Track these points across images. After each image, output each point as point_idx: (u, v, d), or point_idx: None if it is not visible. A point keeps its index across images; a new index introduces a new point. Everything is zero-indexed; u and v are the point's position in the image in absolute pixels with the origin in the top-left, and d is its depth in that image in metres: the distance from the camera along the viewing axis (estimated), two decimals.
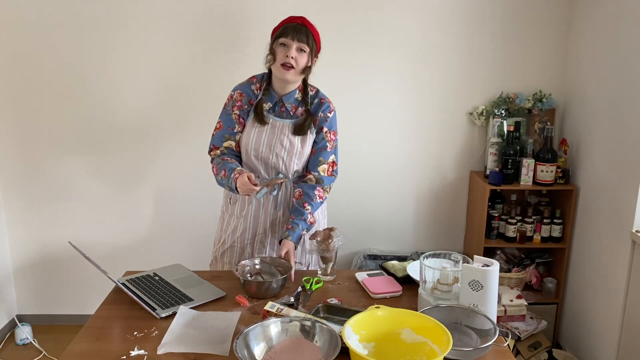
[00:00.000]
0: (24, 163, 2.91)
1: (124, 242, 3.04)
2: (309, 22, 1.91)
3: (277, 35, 1.88)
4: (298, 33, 1.84)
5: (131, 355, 1.40)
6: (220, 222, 2.15)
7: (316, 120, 1.97)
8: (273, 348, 1.35)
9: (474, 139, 2.95)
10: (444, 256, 1.63)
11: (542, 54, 2.85)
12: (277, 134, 1.94)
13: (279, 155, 1.94)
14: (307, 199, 1.95)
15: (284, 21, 1.92)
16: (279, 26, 1.92)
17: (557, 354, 2.63)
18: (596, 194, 2.58)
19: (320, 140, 1.98)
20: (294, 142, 1.94)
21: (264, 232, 2.05)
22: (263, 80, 1.98)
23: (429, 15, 2.79)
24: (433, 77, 2.87)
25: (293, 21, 1.89)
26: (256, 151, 1.94)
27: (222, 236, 2.11)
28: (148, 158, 2.92)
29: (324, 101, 1.99)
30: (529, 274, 2.83)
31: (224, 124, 1.97)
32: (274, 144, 1.94)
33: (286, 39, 1.85)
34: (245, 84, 1.99)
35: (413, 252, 3.04)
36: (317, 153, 1.99)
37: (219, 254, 2.11)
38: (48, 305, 3.12)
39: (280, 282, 1.73)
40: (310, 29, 1.89)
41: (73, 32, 2.75)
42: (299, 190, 1.97)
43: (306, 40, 1.86)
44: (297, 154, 1.95)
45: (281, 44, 1.86)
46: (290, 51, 1.84)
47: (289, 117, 1.96)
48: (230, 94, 1.99)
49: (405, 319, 1.38)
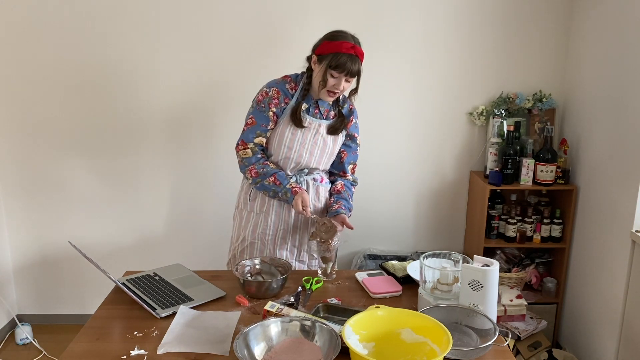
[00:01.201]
0: (24, 163, 2.91)
1: (124, 242, 3.04)
2: (360, 49, 1.89)
3: (331, 64, 1.86)
4: (351, 71, 1.87)
5: (131, 355, 1.40)
6: (237, 219, 2.16)
7: (348, 124, 2.08)
8: (273, 348, 1.35)
9: (474, 139, 2.95)
10: (444, 256, 1.63)
11: (542, 54, 2.85)
12: (312, 133, 2.00)
13: (312, 154, 2.02)
14: (349, 191, 2.15)
15: (337, 45, 1.86)
16: (331, 47, 1.87)
17: (557, 354, 2.63)
18: (596, 194, 2.58)
19: (354, 145, 2.15)
20: (327, 141, 2.04)
21: (286, 229, 2.08)
22: (297, 81, 2.00)
23: (429, 15, 2.79)
24: (433, 77, 2.87)
25: (348, 51, 1.85)
26: (290, 150, 1.99)
27: (240, 234, 2.12)
28: (148, 158, 2.92)
29: (353, 107, 2.11)
30: (529, 274, 2.83)
31: (257, 120, 1.98)
32: (308, 143, 2.00)
33: (340, 74, 1.87)
34: (281, 83, 1.99)
35: (413, 252, 3.04)
36: (349, 156, 2.15)
37: (238, 251, 2.13)
38: (48, 305, 3.12)
39: (280, 282, 1.73)
40: (360, 58, 1.89)
41: (73, 32, 2.74)
42: (342, 183, 2.15)
43: (357, 73, 1.90)
44: (328, 154, 2.07)
45: (332, 75, 1.88)
46: (340, 85, 1.90)
47: (322, 118, 2.03)
48: (265, 91, 1.99)
49: (405, 319, 1.38)
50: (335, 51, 1.86)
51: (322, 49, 1.90)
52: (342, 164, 2.15)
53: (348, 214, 2.08)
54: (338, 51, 1.85)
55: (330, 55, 1.86)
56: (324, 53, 1.88)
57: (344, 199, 2.10)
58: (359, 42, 1.92)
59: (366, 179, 2.98)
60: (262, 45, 2.78)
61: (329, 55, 1.86)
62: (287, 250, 2.10)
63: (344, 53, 1.85)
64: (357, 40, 1.91)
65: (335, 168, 2.17)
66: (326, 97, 1.95)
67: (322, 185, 2.12)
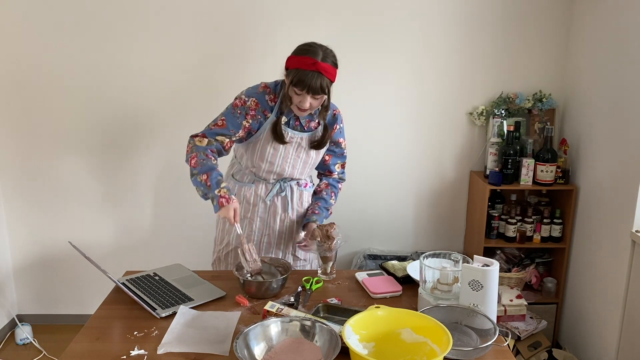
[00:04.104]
0: (24, 163, 2.91)
1: (124, 242, 3.04)
2: (323, 65, 1.72)
3: (292, 81, 1.74)
4: (313, 88, 1.72)
5: (131, 355, 1.40)
6: (220, 222, 2.12)
7: (332, 132, 2.00)
8: (273, 348, 1.35)
9: (474, 139, 2.95)
10: (444, 256, 1.63)
11: (542, 54, 2.85)
12: (294, 147, 1.93)
13: (295, 167, 1.98)
14: (334, 189, 2.09)
15: (299, 61, 1.74)
16: (294, 63, 1.76)
17: (557, 354, 2.63)
18: (596, 194, 2.58)
19: (339, 149, 2.08)
20: (310, 154, 1.98)
21: (271, 234, 2.05)
22: (277, 92, 1.89)
23: (429, 15, 2.79)
24: (433, 77, 2.87)
25: (309, 67, 1.72)
26: (272, 165, 1.94)
27: (224, 237, 2.09)
28: (148, 158, 2.92)
29: (336, 113, 2.00)
30: (529, 274, 2.83)
31: (228, 124, 1.87)
32: (290, 157, 1.95)
33: (301, 91, 1.74)
34: (260, 94, 1.87)
35: (413, 252, 3.04)
36: (335, 158, 2.09)
37: (223, 254, 2.10)
38: (48, 305, 3.12)
39: (280, 282, 1.73)
40: (325, 74, 1.73)
41: (72, 32, 2.74)
42: (325, 183, 2.10)
43: (321, 91, 1.75)
44: (311, 164, 2.02)
45: (295, 92, 1.76)
46: (305, 103, 1.77)
47: (303, 130, 1.94)
48: (243, 99, 1.87)
49: (405, 319, 1.38)
50: (297, 67, 1.73)
51: (288, 63, 1.79)
52: (327, 165, 2.08)
53: (325, 214, 2.02)
54: (299, 67, 1.73)
55: (293, 71, 1.74)
56: (290, 68, 1.77)
57: (322, 199, 2.05)
58: (330, 56, 1.76)
59: (366, 179, 2.99)
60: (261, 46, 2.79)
61: (292, 71, 1.75)
62: (272, 255, 2.06)
63: (304, 69, 1.71)
64: (327, 54, 1.75)
65: (320, 168, 2.12)
66: (297, 113, 1.85)
67: (306, 190, 2.08)
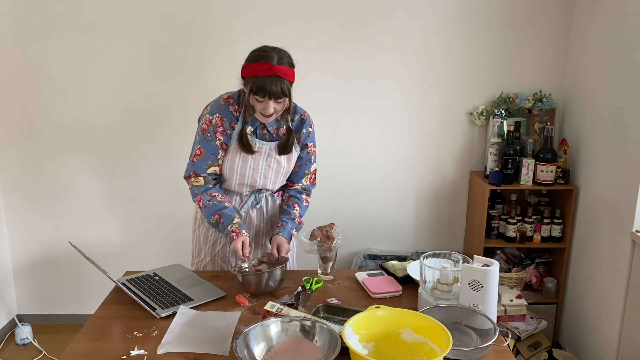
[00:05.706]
0: (24, 163, 2.91)
1: (124, 242, 3.04)
2: (280, 68, 1.70)
3: (252, 89, 1.71)
4: (274, 93, 1.70)
5: (131, 355, 1.40)
6: (195, 233, 2.07)
7: (299, 137, 1.94)
8: (273, 348, 1.35)
9: (474, 139, 2.95)
10: (444, 256, 1.63)
11: (542, 54, 2.85)
12: (263, 157, 1.88)
13: (267, 177, 1.93)
14: (297, 200, 2.01)
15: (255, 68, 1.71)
16: (249, 71, 1.72)
17: (557, 354, 2.63)
18: (596, 194, 2.58)
19: (305, 155, 1.99)
20: (281, 162, 1.92)
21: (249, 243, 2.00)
22: (240, 102, 1.85)
23: (429, 15, 2.79)
24: (433, 77, 2.87)
25: (265, 73, 1.69)
26: (242, 177, 1.90)
27: (201, 249, 2.04)
28: (148, 158, 2.92)
29: (304, 117, 1.94)
30: (529, 274, 2.83)
31: (206, 151, 1.85)
32: (261, 167, 1.90)
33: (263, 98, 1.71)
34: (223, 107, 1.84)
35: (413, 252, 3.04)
36: (302, 166, 2.01)
37: (201, 266, 2.05)
38: (48, 305, 3.12)
39: (279, 273, 1.72)
40: (284, 77, 1.71)
41: (72, 32, 2.74)
42: (288, 195, 2.04)
43: (282, 95, 1.72)
44: (283, 173, 1.97)
45: (257, 100, 1.73)
46: (269, 109, 1.73)
47: (272, 139, 1.90)
48: (208, 119, 1.84)
49: (405, 319, 1.38)
50: (253, 74, 1.70)
51: (244, 72, 1.76)
52: (293, 174, 2.01)
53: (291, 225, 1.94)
54: (255, 74, 1.70)
55: (251, 79, 1.71)
56: (246, 76, 1.74)
57: (285, 211, 1.98)
58: (285, 57, 1.74)
59: (366, 179, 2.99)
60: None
61: (250, 79, 1.72)
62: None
63: (262, 76, 1.69)
64: (282, 56, 1.73)
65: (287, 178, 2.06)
66: (264, 120, 1.81)
67: (278, 200, 2.06)
